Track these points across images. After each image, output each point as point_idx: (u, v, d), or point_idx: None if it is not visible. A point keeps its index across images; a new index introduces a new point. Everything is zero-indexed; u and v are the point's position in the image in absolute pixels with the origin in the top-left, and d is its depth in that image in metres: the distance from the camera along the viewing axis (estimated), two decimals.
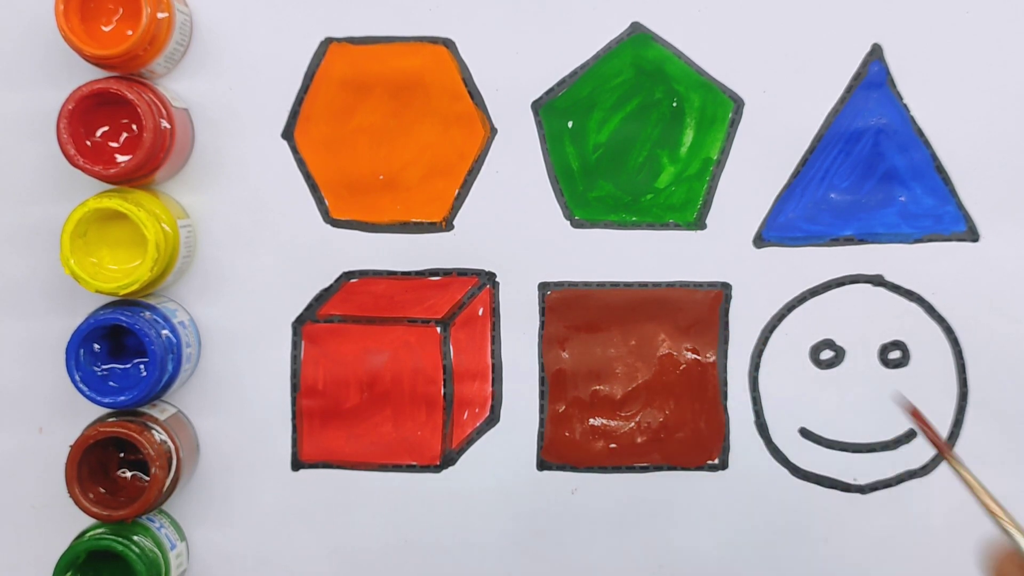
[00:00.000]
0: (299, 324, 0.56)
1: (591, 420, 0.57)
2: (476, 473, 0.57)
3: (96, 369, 0.53)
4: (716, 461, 0.57)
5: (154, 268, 0.51)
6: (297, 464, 0.57)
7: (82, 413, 0.54)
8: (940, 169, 0.56)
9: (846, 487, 0.57)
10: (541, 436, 0.57)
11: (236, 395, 0.56)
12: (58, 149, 0.51)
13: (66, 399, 0.55)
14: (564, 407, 0.57)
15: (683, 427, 0.57)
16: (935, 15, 0.55)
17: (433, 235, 0.56)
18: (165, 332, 0.52)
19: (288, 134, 0.55)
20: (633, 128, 0.56)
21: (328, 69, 0.55)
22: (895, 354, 0.57)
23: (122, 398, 0.52)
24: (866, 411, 0.57)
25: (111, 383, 0.53)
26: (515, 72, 0.55)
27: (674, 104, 0.56)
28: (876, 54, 0.55)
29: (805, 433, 0.57)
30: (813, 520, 0.57)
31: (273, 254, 0.56)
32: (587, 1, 0.55)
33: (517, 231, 0.56)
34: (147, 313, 0.53)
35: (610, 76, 0.55)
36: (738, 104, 0.56)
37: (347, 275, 0.56)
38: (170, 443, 0.53)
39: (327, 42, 0.55)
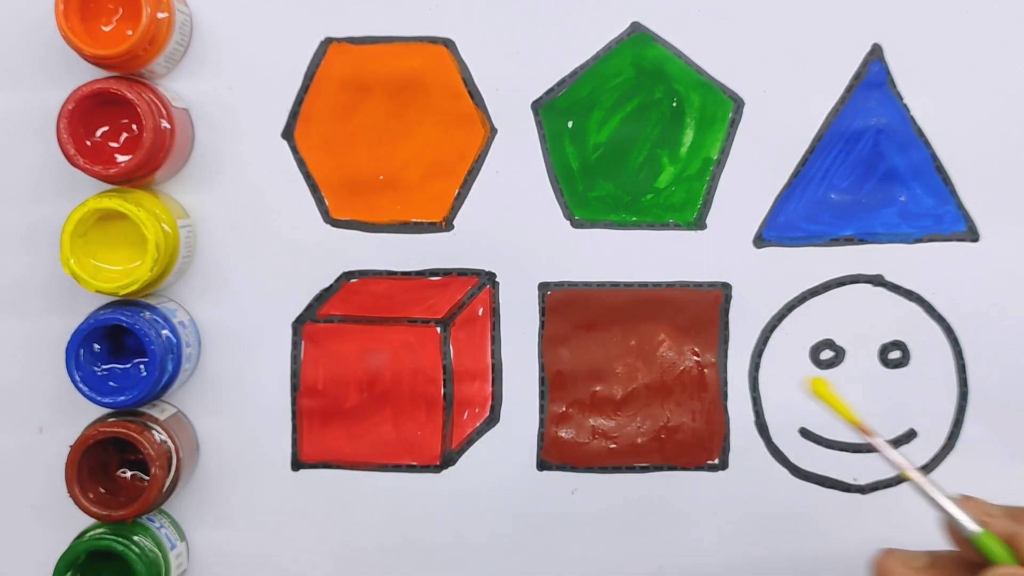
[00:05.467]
0: (299, 324, 0.56)
1: (591, 420, 0.57)
2: (476, 473, 0.57)
3: (96, 369, 0.53)
4: (716, 461, 0.57)
5: (154, 268, 0.51)
6: (297, 464, 0.57)
7: (82, 413, 0.54)
8: (940, 169, 0.56)
9: (846, 487, 0.57)
10: (541, 436, 0.57)
11: (236, 395, 0.56)
12: (58, 149, 0.51)
13: (66, 399, 0.55)
14: (564, 407, 0.57)
15: (683, 427, 0.57)
16: (935, 15, 0.55)
17: (433, 235, 0.56)
18: (165, 332, 0.52)
19: (288, 134, 0.55)
20: (633, 128, 0.56)
21: (328, 69, 0.55)
22: (895, 354, 0.57)
23: (122, 398, 0.52)
24: (866, 411, 0.57)
25: (111, 383, 0.53)
26: (515, 72, 0.55)
27: (674, 104, 0.56)
28: (876, 54, 0.55)
29: (805, 433, 0.57)
30: (813, 520, 0.57)
31: (273, 254, 0.56)
32: (587, 1, 0.55)
33: (517, 231, 0.56)
34: (147, 313, 0.53)
35: (610, 76, 0.55)
36: (738, 104, 0.56)
37: (347, 275, 0.56)
38: (170, 443, 0.53)
39: (327, 42, 0.55)
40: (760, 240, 0.56)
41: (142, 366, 0.53)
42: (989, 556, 0.43)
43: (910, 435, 0.57)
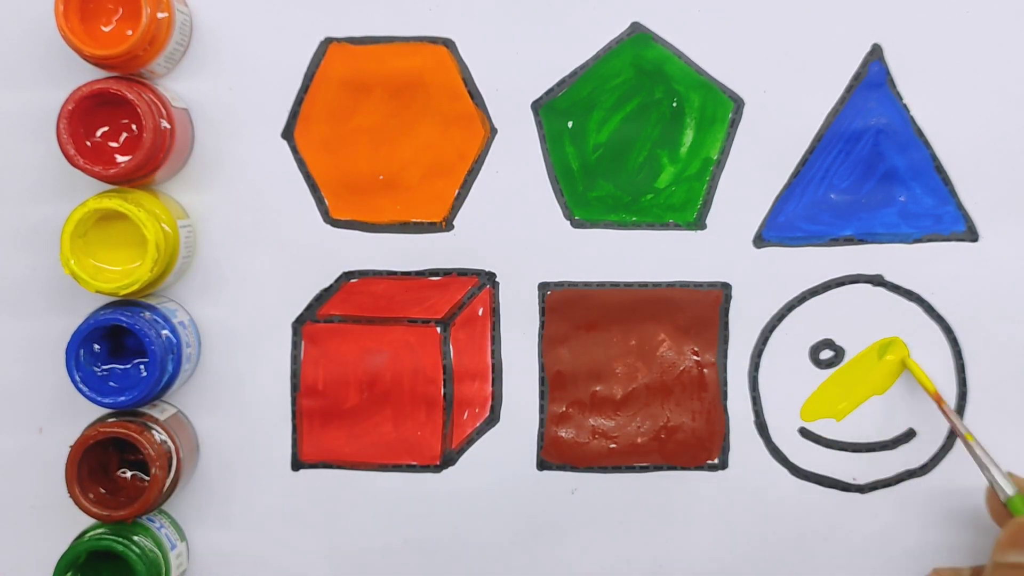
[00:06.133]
0: (299, 324, 0.56)
1: (591, 420, 0.57)
2: (476, 473, 0.57)
3: (96, 369, 0.53)
4: (716, 461, 0.57)
5: (154, 268, 0.51)
6: (297, 464, 0.57)
7: (82, 413, 0.54)
8: (940, 169, 0.56)
9: (846, 487, 0.57)
10: (541, 436, 0.57)
11: (236, 395, 0.56)
12: (58, 149, 0.51)
13: (66, 399, 0.55)
14: (564, 407, 0.57)
15: (683, 427, 0.57)
16: (935, 15, 0.55)
17: (433, 235, 0.56)
18: (165, 332, 0.53)
19: (288, 134, 0.55)
20: (633, 128, 0.56)
21: (328, 69, 0.55)
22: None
23: (122, 398, 0.52)
24: (866, 411, 0.57)
25: (111, 383, 0.53)
26: (515, 72, 0.55)
27: (674, 104, 0.56)
28: (876, 54, 0.55)
29: (805, 433, 0.57)
30: (813, 520, 0.57)
31: (273, 254, 0.56)
32: (587, 1, 0.55)
33: (517, 231, 0.56)
34: (147, 313, 0.53)
35: (610, 76, 0.55)
36: (738, 104, 0.56)
37: (347, 275, 0.56)
38: (170, 443, 0.53)
39: (327, 42, 0.55)
40: (760, 240, 0.56)
41: (142, 366, 0.53)
42: (1016, 514, 0.51)
43: (909, 435, 0.57)
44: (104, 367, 0.53)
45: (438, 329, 0.56)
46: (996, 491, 0.52)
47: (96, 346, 0.53)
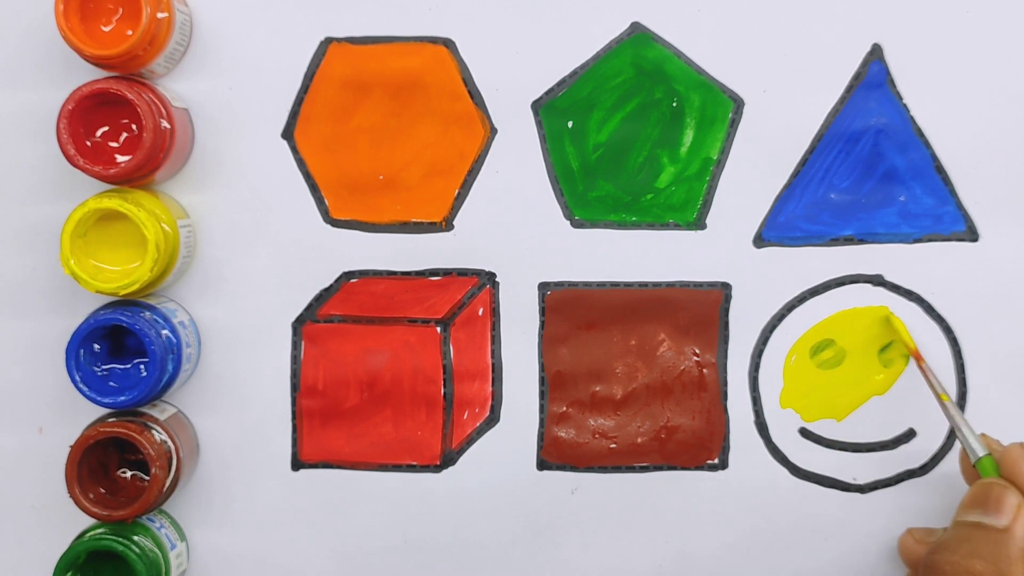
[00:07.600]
0: (299, 324, 0.56)
1: (591, 420, 0.57)
2: (476, 473, 0.57)
3: (96, 369, 0.53)
4: (716, 461, 0.57)
5: (154, 268, 0.51)
6: (297, 464, 0.57)
7: (82, 413, 0.54)
8: (940, 169, 0.56)
9: (846, 487, 0.57)
10: (541, 436, 0.57)
11: (236, 395, 0.56)
12: (58, 149, 0.51)
13: (66, 399, 0.55)
14: (564, 407, 0.57)
15: (683, 427, 0.57)
16: (935, 15, 0.55)
17: (433, 235, 0.56)
18: (165, 332, 0.53)
19: (288, 134, 0.55)
20: (633, 128, 0.56)
21: (328, 69, 0.55)
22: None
23: (122, 398, 0.52)
24: (866, 410, 0.57)
25: (111, 383, 0.53)
26: (515, 72, 0.55)
27: (674, 104, 0.56)
28: (876, 54, 0.55)
29: (805, 433, 0.57)
30: (813, 520, 0.57)
31: (273, 254, 0.56)
32: (587, 1, 0.55)
33: (517, 231, 0.56)
34: (147, 313, 0.53)
35: (610, 76, 0.55)
36: (738, 104, 0.56)
37: (347, 275, 0.56)
38: (170, 443, 0.53)
39: (327, 42, 0.55)
40: (760, 240, 0.56)
41: (142, 366, 0.53)
42: (983, 475, 0.51)
43: (910, 435, 0.57)
44: (104, 367, 0.53)
45: (438, 329, 0.56)
46: (968, 453, 0.52)
47: (96, 346, 0.53)
